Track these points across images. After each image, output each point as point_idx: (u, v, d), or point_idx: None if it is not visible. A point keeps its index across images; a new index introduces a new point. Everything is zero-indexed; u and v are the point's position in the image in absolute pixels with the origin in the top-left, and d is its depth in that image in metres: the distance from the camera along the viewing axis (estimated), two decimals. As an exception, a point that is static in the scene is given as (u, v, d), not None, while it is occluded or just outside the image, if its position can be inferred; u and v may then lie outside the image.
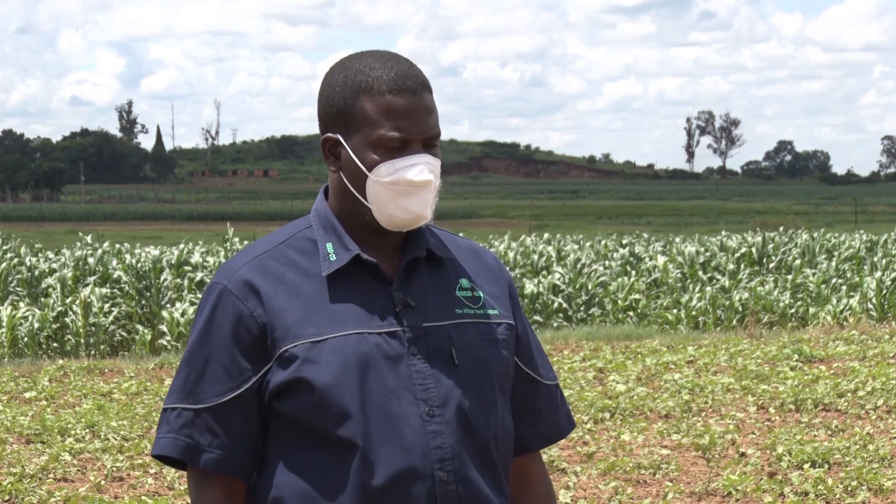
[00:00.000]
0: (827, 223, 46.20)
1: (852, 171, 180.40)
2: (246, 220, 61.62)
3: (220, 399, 2.39)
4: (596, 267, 20.39)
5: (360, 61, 2.43)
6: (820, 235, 25.23)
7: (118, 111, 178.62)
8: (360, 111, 2.39)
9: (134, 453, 8.18)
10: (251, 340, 2.38)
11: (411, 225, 2.42)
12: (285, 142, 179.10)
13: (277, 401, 2.37)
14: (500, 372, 2.47)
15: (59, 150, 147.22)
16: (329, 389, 2.33)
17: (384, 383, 2.35)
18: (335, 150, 2.45)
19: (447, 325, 2.43)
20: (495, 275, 2.56)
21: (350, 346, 2.36)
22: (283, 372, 2.36)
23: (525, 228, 38.54)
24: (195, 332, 2.43)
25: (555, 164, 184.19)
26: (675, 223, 60.25)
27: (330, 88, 2.44)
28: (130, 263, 18.73)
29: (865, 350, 12.19)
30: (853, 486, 7.21)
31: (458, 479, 2.36)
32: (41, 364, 12.30)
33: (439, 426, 2.36)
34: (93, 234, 22.72)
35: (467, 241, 2.59)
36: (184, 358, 2.44)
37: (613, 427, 9.03)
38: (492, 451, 2.43)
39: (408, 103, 2.38)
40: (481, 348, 2.44)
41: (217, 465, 2.39)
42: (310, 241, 2.45)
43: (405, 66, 2.42)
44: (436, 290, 2.46)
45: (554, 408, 2.61)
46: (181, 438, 2.40)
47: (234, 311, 2.39)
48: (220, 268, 2.47)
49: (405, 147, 2.39)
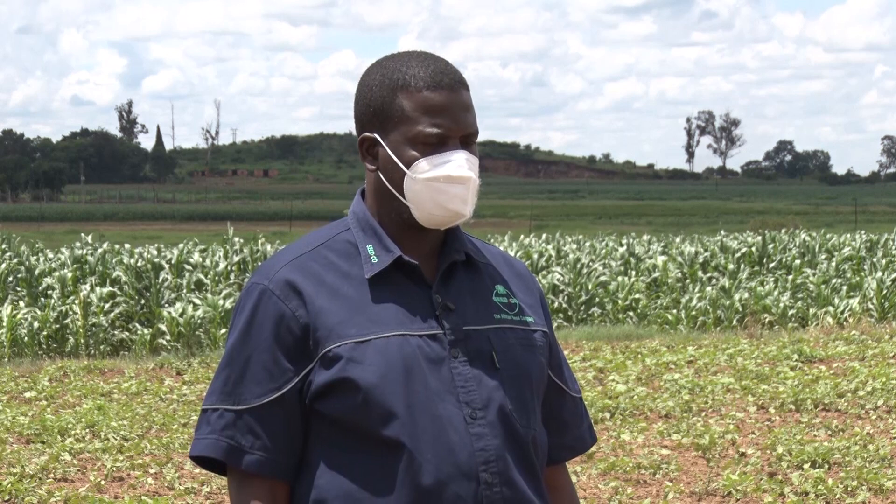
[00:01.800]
0: (827, 223, 46.21)
1: (852, 171, 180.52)
2: (246, 220, 61.58)
3: (262, 400, 2.37)
4: (596, 267, 20.39)
5: (397, 60, 2.43)
6: (820, 235, 25.23)
7: (118, 111, 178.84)
8: (398, 108, 2.39)
9: (134, 453, 8.18)
10: (293, 341, 2.37)
11: (450, 222, 2.41)
12: (285, 142, 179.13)
13: (320, 401, 2.36)
14: (538, 378, 2.47)
15: (59, 150, 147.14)
16: (374, 389, 2.33)
17: (427, 385, 2.35)
18: (373, 150, 2.44)
19: (487, 328, 2.43)
20: (527, 283, 2.56)
21: (393, 347, 2.35)
22: (327, 372, 2.35)
23: (525, 228, 38.52)
24: (235, 333, 2.41)
25: (555, 164, 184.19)
26: (675, 223, 60.26)
27: (367, 88, 2.43)
28: (130, 263, 18.72)
29: (865, 350, 12.20)
30: (853, 486, 7.21)
31: (502, 481, 2.36)
32: (41, 364, 12.30)
33: (483, 428, 2.36)
34: (93, 234, 22.70)
35: (498, 249, 2.60)
36: (224, 359, 2.42)
37: (613, 427, 9.03)
38: (532, 454, 2.43)
39: (445, 100, 2.38)
40: (520, 353, 2.44)
41: (260, 467, 2.37)
42: (349, 243, 2.44)
43: (442, 64, 2.42)
44: (473, 295, 2.45)
45: (579, 420, 2.62)
46: (223, 440, 2.38)
47: (275, 312, 2.38)
48: (257, 269, 2.45)
49: (443, 143, 2.38)
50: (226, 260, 19.01)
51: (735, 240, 24.56)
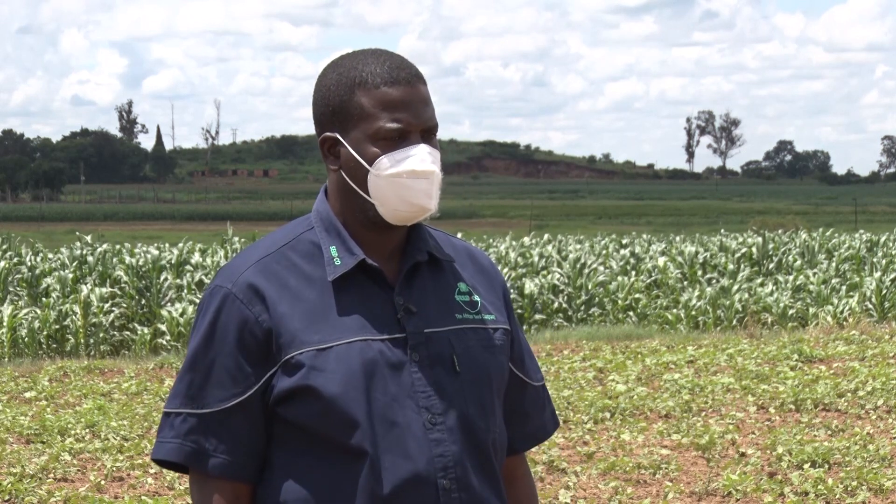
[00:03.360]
0: (827, 223, 46.19)
1: (852, 171, 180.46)
2: (246, 220, 61.59)
3: (226, 404, 2.37)
4: (596, 267, 20.39)
5: (353, 59, 2.43)
6: (820, 235, 25.24)
7: (118, 111, 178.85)
8: (357, 106, 2.38)
9: (134, 453, 8.18)
10: (256, 345, 2.36)
11: (416, 218, 2.41)
12: (285, 142, 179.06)
13: (282, 406, 2.36)
14: (498, 379, 2.47)
15: (59, 149, 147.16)
16: (336, 399, 2.32)
17: (387, 391, 2.35)
18: (334, 149, 2.43)
19: (448, 330, 2.42)
20: (490, 278, 2.55)
21: (354, 353, 2.34)
22: (289, 379, 2.34)
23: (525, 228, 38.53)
24: (198, 336, 2.41)
25: (555, 164, 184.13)
26: (675, 223, 60.26)
27: (324, 88, 2.43)
28: (130, 263, 18.73)
29: (865, 350, 12.19)
30: (853, 486, 7.21)
31: (460, 487, 2.36)
32: (41, 364, 12.30)
33: (441, 434, 2.36)
34: (93, 234, 22.71)
35: (462, 243, 2.58)
36: (186, 362, 2.42)
37: (613, 427, 9.03)
38: (492, 457, 2.43)
39: (404, 94, 2.37)
40: (480, 354, 2.44)
41: (223, 470, 2.38)
42: (312, 243, 2.43)
43: (398, 59, 2.41)
44: (436, 295, 2.45)
45: (541, 409, 2.62)
46: (187, 444, 2.38)
47: (238, 316, 2.37)
48: (221, 270, 2.44)
49: (404, 138, 2.38)
50: (226, 260, 19.02)
51: (735, 240, 24.58)
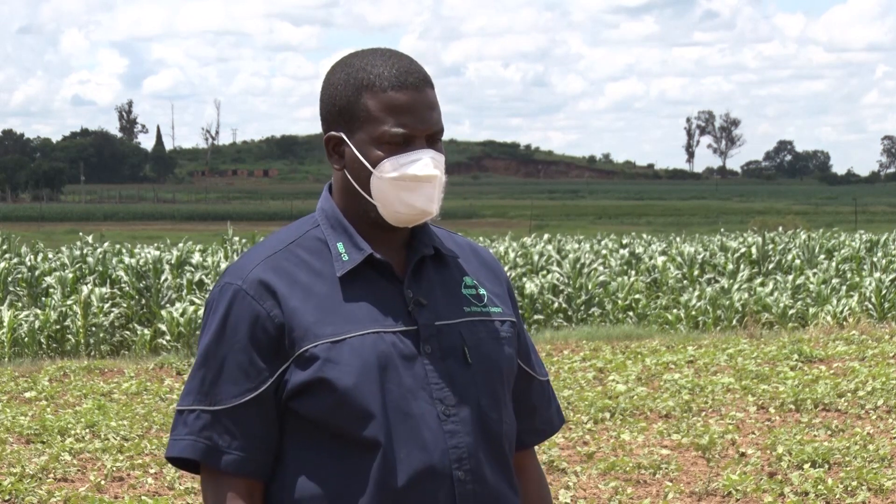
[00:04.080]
0: (827, 223, 46.19)
1: (852, 171, 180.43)
2: (246, 220, 61.58)
3: (239, 400, 2.37)
4: (596, 267, 20.39)
5: (362, 59, 2.43)
6: (820, 235, 25.23)
7: (118, 111, 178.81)
8: (363, 108, 2.39)
9: (134, 453, 8.18)
10: (268, 341, 2.37)
11: (417, 220, 2.42)
12: (285, 142, 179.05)
13: (295, 401, 2.36)
14: (508, 370, 2.49)
15: (59, 149, 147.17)
16: (351, 390, 2.33)
17: (401, 383, 2.36)
18: (339, 149, 2.45)
19: (458, 323, 2.44)
20: (494, 272, 2.57)
21: (368, 345, 2.35)
22: (303, 372, 2.35)
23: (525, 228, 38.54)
24: (209, 334, 2.41)
25: (555, 164, 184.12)
26: (675, 223, 60.25)
27: (332, 87, 2.44)
28: (130, 263, 18.72)
29: (865, 350, 12.20)
30: (853, 486, 7.22)
31: (474, 479, 2.38)
32: (41, 364, 12.30)
33: (455, 425, 2.37)
34: (93, 234, 22.71)
35: (465, 239, 2.60)
36: (198, 359, 2.42)
37: (613, 427, 9.03)
38: (504, 448, 2.45)
39: (410, 99, 2.38)
40: (491, 346, 2.45)
41: (238, 467, 2.38)
42: (319, 240, 2.44)
43: (406, 63, 2.42)
44: (443, 289, 2.46)
45: (547, 404, 2.63)
46: (201, 441, 2.38)
47: (250, 312, 2.38)
48: (228, 268, 2.45)
49: (409, 143, 2.39)
50: (226, 260, 19.02)
51: (735, 240, 24.57)
